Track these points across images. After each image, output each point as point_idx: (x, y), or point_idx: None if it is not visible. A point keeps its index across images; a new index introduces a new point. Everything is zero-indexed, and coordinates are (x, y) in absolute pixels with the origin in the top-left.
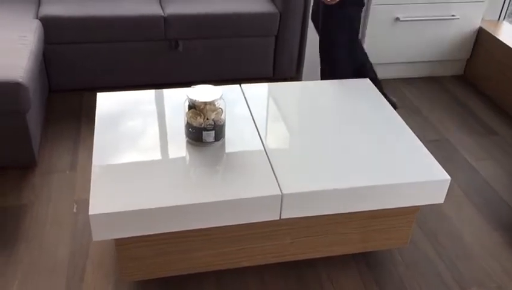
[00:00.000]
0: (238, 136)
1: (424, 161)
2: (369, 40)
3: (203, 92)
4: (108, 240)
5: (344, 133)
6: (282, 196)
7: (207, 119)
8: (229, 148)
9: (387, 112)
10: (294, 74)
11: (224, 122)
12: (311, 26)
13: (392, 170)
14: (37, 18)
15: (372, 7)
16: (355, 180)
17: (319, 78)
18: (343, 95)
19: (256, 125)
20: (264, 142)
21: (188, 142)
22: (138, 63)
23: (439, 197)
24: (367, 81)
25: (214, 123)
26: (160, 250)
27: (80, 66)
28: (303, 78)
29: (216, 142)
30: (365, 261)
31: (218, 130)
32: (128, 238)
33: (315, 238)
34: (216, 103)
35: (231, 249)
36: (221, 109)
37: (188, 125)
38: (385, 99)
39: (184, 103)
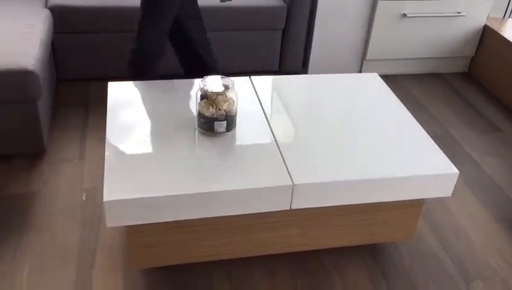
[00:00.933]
0: (249, 127)
1: (433, 154)
2: (375, 35)
3: (215, 83)
4: (118, 227)
5: (352, 126)
6: (294, 186)
7: (219, 109)
8: (240, 139)
9: (395, 105)
10: (300, 69)
11: (236, 113)
12: (318, 20)
13: (401, 163)
14: (46, 7)
15: (379, 3)
16: (365, 172)
17: (325, 72)
18: (352, 88)
19: (266, 117)
20: (275, 134)
21: (199, 132)
22: None
23: (447, 191)
24: (375, 75)
25: (226, 114)
26: (170, 238)
27: (88, 56)
28: (309, 72)
29: (227, 133)
30: (371, 253)
31: (230, 120)
32: (138, 225)
33: (322, 229)
34: (228, 94)
35: (240, 238)
36: (233, 100)
37: (200, 115)
38: (393, 93)
39: (196, 93)
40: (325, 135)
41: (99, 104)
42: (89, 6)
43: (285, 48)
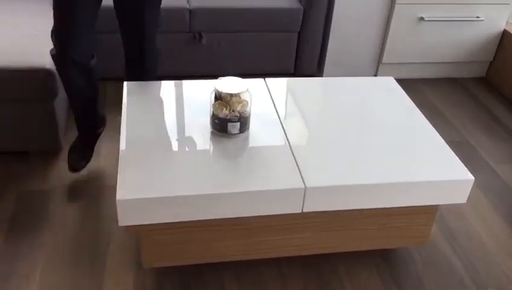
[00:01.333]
0: (262, 129)
1: (448, 160)
2: (392, 39)
3: (229, 84)
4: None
5: (367, 130)
6: (306, 189)
7: (233, 111)
8: (253, 141)
9: (410, 110)
10: (315, 71)
11: (249, 115)
12: (335, 23)
13: (415, 168)
14: None
15: (396, 6)
16: (378, 177)
17: (340, 75)
18: (367, 91)
19: (280, 119)
20: (288, 136)
21: (213, 133)
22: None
23: (461, 197)
24: (391, 79)
25: (239, 115)
26: (182, 238)
27: (105, 55)
28: (324, 75)
29: (241, 134)
30: (383, 258)
31: (243, 122)
32: (151, 225)
33: (334, 233)
34: (242, 95)
35: (251, 240)
36: (247, 101)
37: (214, 116)
38: (408, 97)
39: (211, 94)
40: (339, 138)
41: (114, 104)
42: (106, 6)
43: (301, 51)
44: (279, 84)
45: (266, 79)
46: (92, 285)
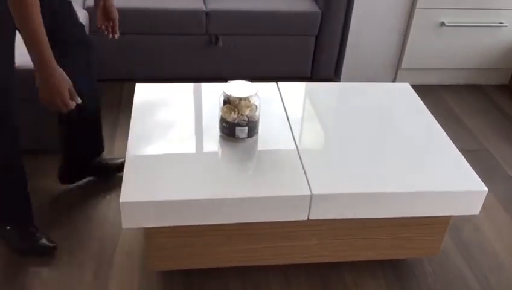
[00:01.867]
0: (272, 134)
1: (461, 170)
2: (412, 44)
3: (238, 88)
4: (138, 229)
5: (379, 137)
6: (312, 196)
7: (241, 115)
8: (261, 145)
9: (426, 118)
10: (332, 76)
11: (258, 119)
12: (353, 27)
13: (426, 177)
14: (84, 8)
15: (417, 10)
16: (387, 186)
17: (358, 80)
18: (381, 98)
19: (290, 124)
20: (297, 142)
21: (221, 137)
22: (178, 57)
23: (474, 209)
24: (407, 85)
25: (248, 119)
26: (187, 242)
27: (121, 57)
28: (341, 80)
29: (249, 139)
30: (393, 269)
31: (252, 126)
32: (157, 228)
33: (342, 241)
34: (251, 99)
35: (256, 246)
36: (256, 106)
37: (222, 120)
38: (424, 105)
39: (219, 97)
40: (350, 144)
41: (130, 105)
42: (123, 8)
43: (318, 55)
44: (292, 89)
45: (278, 83)
46: (98, 286)
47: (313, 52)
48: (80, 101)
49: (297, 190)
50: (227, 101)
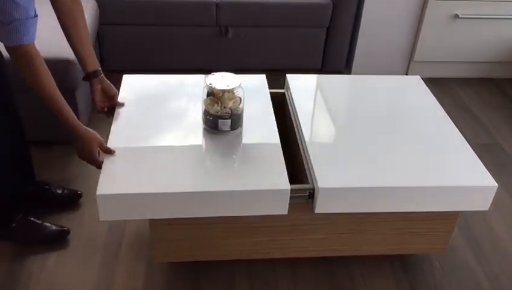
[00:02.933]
0: (257, 127)
1: (471, 165)
2: (425, 36)
3: (222, 80)
4: (144, 220)
5: (389, 131)
6: (319, 189)
7: (224, 107)
8: (245, 138)
9: (436, 111)
10: (343, 68)
11: (242, 112)
12: (365, 18)
13: (435, 172)
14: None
15: (430, 2)
16: (395, 180)
17: (370, 73)
18: (392, 91)
19: (298, 117)
20: (305, 135)
21: (205, 129)
22: (187, 48)
23: (483, 205)
24: (418, 78)
25: (231, 112)
26: (192, 235)
27: (131, 48)
28: (352, 72)
29: (232, 131)
30: (401, 264)
31: (235, 119)
32: (162, 220)
33: (349, 235)
34: (235, 92)
35: (263, 239)
36: (240, 98)
37: (205, 113)
38: (435, 98)
39: (203, 89)
40: (359, 138)
41: None
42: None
43: (329, 47)
44: (302, 81)
45: (288, 75)
46: (104, 276)
47: (324, 44)
48: (114, 152)
49: (276, 184)
50: (211, 94)
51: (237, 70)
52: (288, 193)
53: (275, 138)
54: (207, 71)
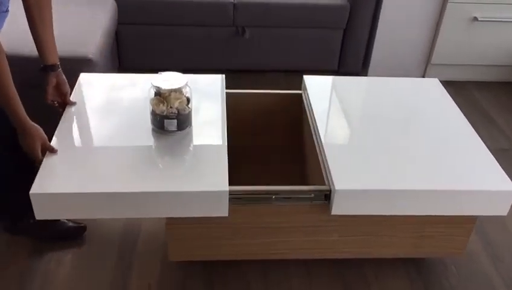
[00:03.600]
0: (206, 128)
1: (490, 169)
2: (443, 38)
3: (169, 80)
4: (160, 219)
5: (406, 133)
6: (335, 191)
7: (170, 107)
8: (192, 139)
9: (454, 114)
10: (360, 70)
11: (189, 112)
12: (382, 20)
13: (453, 176)
14: None
15: (448, 5)
16: (411, 182)
17: (386, 75)
18: (409, 93)
19: (315, 118)
20: (321, 136)
21: (153, 129)
22: (204, 48)
23: (502, 210)
24: (436, 80)
25: (178, 112)
26: (207, 234)
27: (149, 47)
28: (369, 74)
29: (179, 132)
30: (415, 267)
31: (182, 119)
32: (177, 219)
33: (364, 238)
34: (183, 91)
35: (276, 240)
36: (187, 98)
37: (153, 113)
38: (453, 101)
39: (149, 89)
40: (376, 140)
41: None
42: None
43: (346, 48)
44: (318, 82)
45: (304, 76)
46: (119, 274)
47: (341, 45)
48: (56, 151)
49: (215, 185)
50: (158, 93)
51: (253, 71)
52: (226, 194)
53: (221, 140)
54: (224, 71)
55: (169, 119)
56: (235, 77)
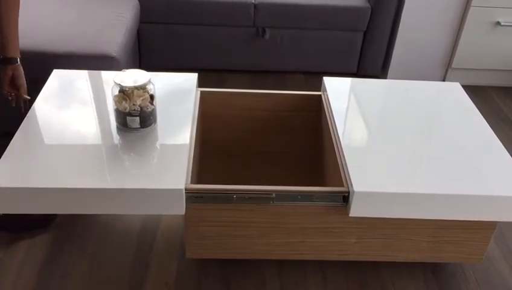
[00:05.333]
0: (172, 126)
1: (510, 174)
2: (464, 42)
3: (131, 77)
4: (178, 216)
5: (426, 137)
6: (353, 193)
7: (133, 104)
8: (155, 137)
9: (475, 119)
10: (379, 73)
11: (153, 109)
12: (403, 23)
13: (473, 180)
14: None
15: (471, 9)
16: (431, 187)
17: (406, 78)
18: (429, 97)
19: (334, 120)
20: (340, 138)
21: (117, 127)
22: (224, 48)
23: None
24: (457, 85)
25: (141, 109)
26: (225, 232)
27: (169, 46)
28: (388, 77)
29: (143, 129)
30: (433, 272)
31: (145, 116)
32: (195, 217)
33: (381, 241)
34: (146, 89)
35: (294, 240)
36: (151, 95)
37: (116, 110)
38: (474, 106)
39: (112, 87)
40: (395, 143)
41: None
42: None
43: (366, 50)
44: (338, 84)
45: (324, 78)
46: (138, 270)
47: (361, 48)
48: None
49: (173, 183)
50: (121, 90)
51: (273, 72)
52: (182, 192)
53: (184, 138)
54: (243, 71)
55: (132, 116)
56: (255, 78)
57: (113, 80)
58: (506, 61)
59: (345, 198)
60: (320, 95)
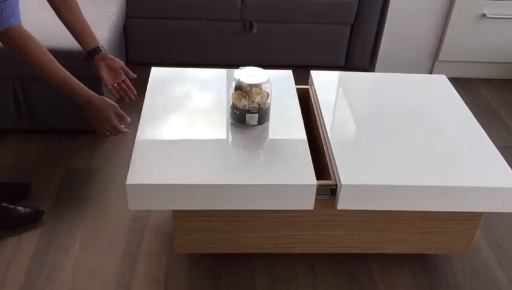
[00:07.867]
0: (283, 122)
1: (496, 166)
2: (450, 35)
3: (250, 74)
4: (167, 211)
5: (413, 129)
6: (341, 186)
7: (252, 101)
8: (271, 133)
9: (461, 111)
10: (367, 65)
11: (269, 106)
12: (390, 16)
13: (460, 172)
14: None
15: (457, 1)
16: (418, 179)
17: (393, 71)
18: (416, 90)
19: (321, 114)
20: (328, 132)
21: (231, 123)
22: (211, 43)
23: (508, 206)
24: (443, 77)
25: (259, 106)
26: (214, 227)
27: (156, 41)
28: (376, 70)
29: (259, 126)
30: (421, 264)
31: (263, 113)
32: (184, 211)
33: (370, 233)
34: (262, 87)
35: (283, 234)
36: (267, 93)
37: (233, 107)
38: (460, 98)
39: (231, 83)
40: (382, 136)
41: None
42: None
43: (353, 44)
44: (325, 78)
45: (311, 72)
46: (127, 265)
47: (348, 41)
48: (129, 120)
49: (303, 179)
50: (239, 88)
51: (260, 66)
52: (314, 188)
53: (301, 134)
54: (230, 66)
55: (251, 113)
56: None
57: (234, 76)
58: (491, 53)
59: (333, 191)
60: (307, 89)
